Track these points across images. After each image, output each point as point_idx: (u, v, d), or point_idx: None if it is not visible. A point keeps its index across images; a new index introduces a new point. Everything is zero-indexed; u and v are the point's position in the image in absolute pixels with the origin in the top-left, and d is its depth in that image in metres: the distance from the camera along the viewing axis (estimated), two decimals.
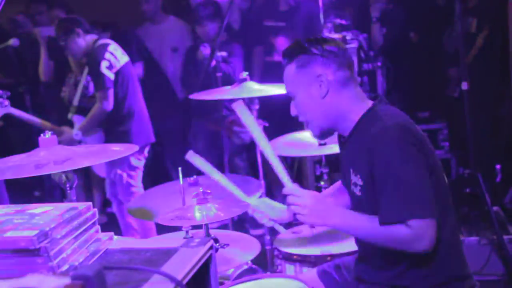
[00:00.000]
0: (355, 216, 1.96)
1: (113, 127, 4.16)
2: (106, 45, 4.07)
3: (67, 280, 0.94)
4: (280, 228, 2.43)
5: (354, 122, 2.03)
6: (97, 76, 4.01)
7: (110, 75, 3.99)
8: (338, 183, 2.49)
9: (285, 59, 2.08)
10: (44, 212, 1.25)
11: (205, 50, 4.71)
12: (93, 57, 4.03)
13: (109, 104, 4.01)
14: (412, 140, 1.88)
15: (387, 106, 2.03)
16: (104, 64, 3.97)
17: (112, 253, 1.34)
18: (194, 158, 2.21)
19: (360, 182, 1.99)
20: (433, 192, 1.87)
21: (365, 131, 1.97)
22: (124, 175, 4.14)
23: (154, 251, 1.31)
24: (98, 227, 1.36)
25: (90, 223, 1.32)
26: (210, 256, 1.32)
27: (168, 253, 1.29)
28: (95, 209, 1.35)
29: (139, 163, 4.20)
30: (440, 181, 1.98)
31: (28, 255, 1.14)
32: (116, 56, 4.06)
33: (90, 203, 1.34)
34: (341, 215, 1.97)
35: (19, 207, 1.28)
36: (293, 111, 2.13)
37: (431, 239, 1.82)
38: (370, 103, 2.04)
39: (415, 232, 1.81)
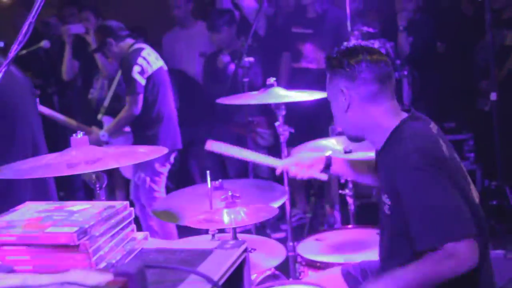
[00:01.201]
0: (398, 273, 1.89)
1: (141, 131, 4.19)
2: (140, 50, 4.10)
3: (110, 277, 0.95)
4: (322, 176, 2.43)
5: (384, 137, 2.03)
6: (128, 80, 4.04)
7: (141, 80, 4.02)
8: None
9: (325, 68, 2.16)
10: (83, 210, 1.26)
11: (225, 58, 4.75)
12: (126, 61, 4.07)
13: (138, 109, 4.04)
14: (432, 162, 1.87)
15: (415, 124, 2.01)
16: (136, 69, 4.00)
17: (148, 253, 1.35)
18: (214, 146, 2.27)
19: (388, 202, 2.00)
20: (464, 209, 1.84)
21: (392, 150, 1.98)
22: (148, 179, 4.16)
23: (189, 251, 1.32)
24: (134, 226, 1.37)
25: (126, 221, 1.33)
26: (245, 259, 1.32)
27: (203, 254, 1.29)
28: (132, 209, 1.36)
29: (163, 169, 4.20)
30: (469, 196, 1.95)
31: (68, 251, 1.16)
32: (149, 61, 4.09)
33: (127, 202, 1.35)
34: (388, 282, 1.90)
35: (58, 204, 1.30)
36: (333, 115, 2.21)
37: (473, 257, 1.78)
38: (401, 117, 2.03)
39: (455, 255, 1.77)
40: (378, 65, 2.02)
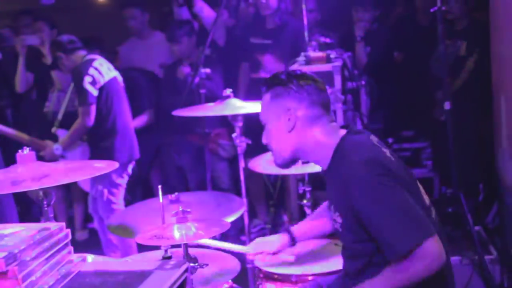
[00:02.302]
0: (367, 286, 1.92)
1: (97, 142, 4.14)
2: (91, 60, 4.05)
3: None
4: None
5: (328, 157, 2.05)
6: (80, 91, 3.99)
7: (93, 91, 3.98)
8: (324, 205, 2.49)
9: (263, 87, 2.14)
10: (15, 233, 1.22)
11: (186, 69, 4.73)
12: (77, 72, 4.02)
13: (90, 120, 3.99)
14: (382, 171, 1.89)
15: (354, 137, 2.04)
16: (87, 80, 3.96)
17: (84, 276, 1.31)
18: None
19: (339, 220, 2.02)
20: (418, 210, 1.87)
21: (337, 167, 2.00)
22: (105, 191, 4.10)
23: (128, 273, 1.28)
24: (71, 248, 1.33)
25: (62, 244, 1.29)
26: (185, 280, 1.29)
27: (142, 276, 1.26)
28: (68, 230, 1.31)
29: (121, 180, 4.16)
30: (420, 201, 1.97)
31: None
32: (100, 71, 4.05)
33: (63, 223, 1.31)
34: None
35: None
36: (264, 139, 2.20)
37: (440, 253, 1.81)
38: (341, 134, 2.06)
39: (422, 257, 1.80)
40: (322, 92, 2.08)
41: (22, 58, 4.75)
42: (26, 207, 4.93)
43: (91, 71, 3.99)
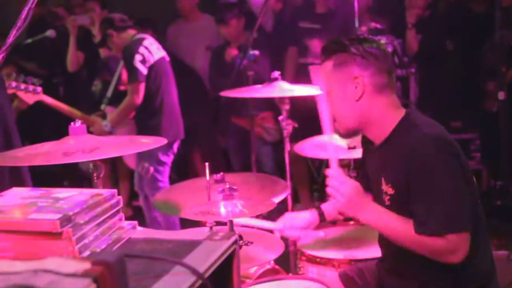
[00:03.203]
0: (390, 217, 1.92)
1: (144, 121, 4.19)
2: (142, 39, 4.10)
3: (87, 265, 0.93)
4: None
5: (388, 130, 1.98)
6: (130, 69, 4.04)
7: (143, 69, 4.02)
8: None
9: (323, 55, 2.04)
10: (69, 197, 1.24)
11: (233, 52, 4.72)
12: (128, 50, 4.07)
13: (139, 98, 4.03)
14: (451, 151, 1.85)
15: (421, 115, 1.99)
16: (137, 58, 4.00)
17: (135, 242, 1.32)
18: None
19: (390, 191, 1.95)
20: (470, 204, 1.84)
21: (401, 140, 1.93)
22: (151, 169, 4.16)
23: (177, 242, 1.29)
24: (122, 215, 1.35)
25: (114, 210, 1.31)
26: (234, 251, 1.29)
27: (191, 245, 1.27)
28: (120, 197, 1.33)
29: (166, 158, 4.21)
30: (474, 192, 1.93)
31: (50, 239, 1.13)
32: (150, 50, 4.08)
33: (115, 190, 1.33)
34: (376, 213, 1.94)
35: (44, 190, 1.28)
36: (331, 107, 2.10)
37: (465, 252, 1.80)
38: (404, 111, 2.00)
39: (451, 246, 1.79)
40: (387, 57, 2.00)
41: (73, 38, 4.83)
42: (77, 182, 5.05)
43: (142, 50, 4.03)
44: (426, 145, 1.84)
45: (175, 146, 4.27)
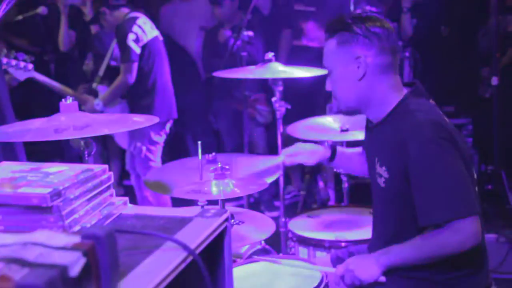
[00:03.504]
0: (397, 248, 1.90)
1: (136, 100, 4.17)
2: (135, 18, 4.06)
3: (77, 239, 0.92)
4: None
5: (386, 111, 1.97)
6: (123, 48, 4.01)
7: (136, 49, 3.99)
8: (360, 150, 2.44)
9: (327, 33, 2.02)
10: (59, 172, 1.23)
11: (227, 33, 4.70)
12: (121, 29, 4.03)
13: (132, 77, 4.01)
14: (446, 136, 1.83)
15: (419, 100, 1.97)
16: (130, 37, 3.97)
17: (126, 218, 1.32)
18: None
19: (385, 175, 1.94)
20: (472, 186, 1.82)
21: (396, 123, 1.92)
22: (144, 148, 4.15)
23: (168, 219, 1.29)
24: (113, 191, 1.34)
25: (105, 186, 1.30)
26: (225, 228, 1.29)
27: (182, 222, 1.26)
28: (111, 173, 1.32)
29: (159, 138, 4.19)
30: (472, 175, 1.93)
31: (40, 213, 1.12)
32: (144, 29, 4.05)
33: (106, 165, 1.32)
34: (384, 257, 1.91)
35: (34, 165, 1.27)
36: (328, 87, 2.10)
37: (478, 234, 1.78)
38: (404, 92, 1.98)
39: (460, 233, 1.77)
40: (391, 35, 1.96)
41: (65, 17, 4.77)
42: (68, 161, 5.02)
43: (135, 28, 4.00)
44: (420, 132, 1.83)
45: (168, 126, 4.25)
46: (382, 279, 1.92)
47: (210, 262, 1.31)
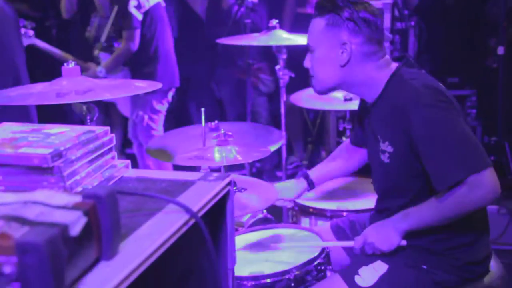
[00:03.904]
0: (414, 212, 1.88)
1: (139, 68, 4.13)
2: None
3: (78, 199, 0.91)
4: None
5: (379, 89, 1.95)
6: (125, 15, 3.96)
7: (138, 15, 3.94)
8: (343, 146, 2.45)
9: (316, 11, 1.98)
10: (61, 133, 1.21)
11: (230, 0, 4.64)
12: None
13: (135, 45, 3.97)
14: (444, 98, 1.82)
15: (411, 70, 1.95)
16: (132, 4, 3.92)
17: (127, 181, 1.31)
18: None
19: (389, 149, 1.92)
20: (478, 142, 1.81)
21: (393, 96, 1.90)
22: (146, 117, 4.13)
23: (170, 181, 1.28)
24: (114, 153, 1.32)
25: (106, 148, 1.28)
26: (228, 192, 1.28)
27: (185, 185, 1.25)
28: (113, 135, 1.31)
29: (161, 107, 4.17)
30: None
31: (41, 173, 1.11)
32: None
33: (108, 127, 1.30)
34: (402, 222, 1.90)
35: (35, 125, 1.25)
36: (307, 63, 2.06)
37: (496, 186, 1.74)
38: (394, 66, 1.96)
39: (478, 187, 1.73)
40: (379, 26, 1.94)
41: None
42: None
43: None
44: (418, 98, 1.81)
45: (170, 94, 4.23)
46: (403, 243, 1.92)
47: (212, 226, 1.30)
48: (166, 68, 4.14)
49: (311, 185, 2.42)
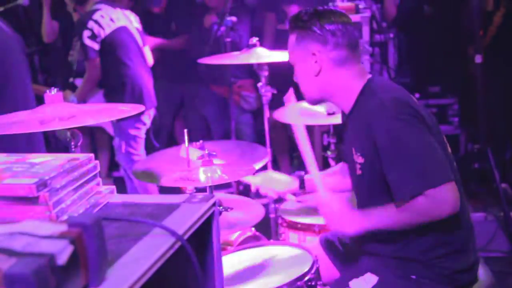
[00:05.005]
0: (375, 214, 1.90)
1: (109, 94, 4.13)
2: (92, 12, 3.95)
3: (64, 227, 0.92)
4: (290, 197, 2.45)
5: (353, 99, 2.01)
6: (81, 46, 3.96)
7: (93, 45, 3.91)
8: (341, 164, 2.48)
9: (288, 29, 2.10)
10: (45, 162, 1.22)
11: (213, 18, 4.67)
12: (78, 26, 3.99)
13: (97, 73, 3.97)
14: (410, 111, 1.85)
15: (382, 79, 2.02)
16: (85, 34, 3.89)
17: (113, 207, 1.32)
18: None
19: (360, 160, 1.96)
20: (441, 155, 1.83)
21: (363, 107, 1.96)
22: (123, 144, 4.10)
23: (155, 205, 1.29)
24: (99, 179, 1.33)
25: (91, 175, 1.29)
26: (213, 213, 1.29)
27: (170, 208, 1.26)
28: (97, 161, 1.32)
29: (137, 132, 4.12)
30: (443, 144, 1.95)
31: (27, 204, 1.12)
32: (101, 24, 3.92)
33: (92, 154, 1.32)
34: (359, 218, 1.92)
35: (19, 156, 1.26)
36: (295, 78, 2.17)
37: (454, 201, 1.77)
38: (367, 78, 2.02)
39: (436, 201, 1.76)
40: (348, 31, 2.00)
41: (47, 8, 4.72)
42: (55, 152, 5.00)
43: (90, 24, 3.89)
44: (383, 110, 1.85)
45: (145, 117, 4.15)
46: (374, 278, 1.95)
47: (199, 248, 1.31)
48: (133, 92, 4.06)
49: (302, 185, 2.46)
